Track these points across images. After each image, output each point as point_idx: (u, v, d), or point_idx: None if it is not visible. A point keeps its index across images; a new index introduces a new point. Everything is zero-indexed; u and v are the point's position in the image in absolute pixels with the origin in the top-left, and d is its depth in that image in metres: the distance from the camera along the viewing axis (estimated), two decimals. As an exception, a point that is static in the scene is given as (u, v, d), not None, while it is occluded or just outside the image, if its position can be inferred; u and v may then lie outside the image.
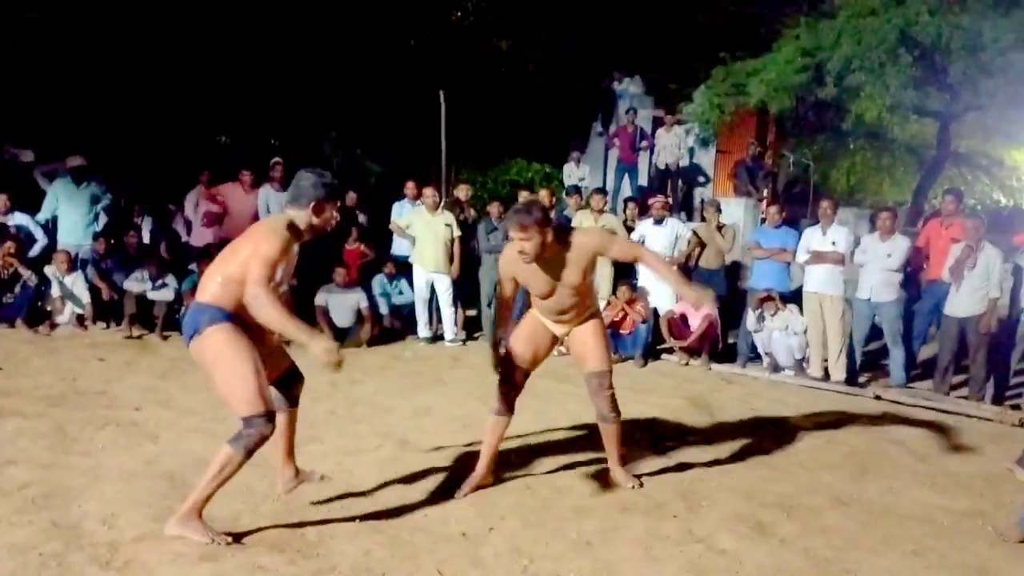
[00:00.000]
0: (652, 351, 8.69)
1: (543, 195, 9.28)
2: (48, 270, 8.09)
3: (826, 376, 7.82)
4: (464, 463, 4.75)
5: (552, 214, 8.78)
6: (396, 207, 9.48)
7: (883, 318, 7.71)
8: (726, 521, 4.17)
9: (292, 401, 3.94)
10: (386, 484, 4.43)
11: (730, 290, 9.31)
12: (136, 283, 8.19)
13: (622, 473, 4.64)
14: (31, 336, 7.69)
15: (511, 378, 4.50)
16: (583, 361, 4.52)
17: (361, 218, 9.43)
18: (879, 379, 7.94)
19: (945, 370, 7.48)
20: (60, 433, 4.99)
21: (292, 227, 3.56)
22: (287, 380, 3.88)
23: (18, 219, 8.55)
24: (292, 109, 11.25)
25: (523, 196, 9.35)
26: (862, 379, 7.86)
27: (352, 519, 3.92)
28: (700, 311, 8.43)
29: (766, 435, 5.99)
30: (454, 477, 4.54)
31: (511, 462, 4.83)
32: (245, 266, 3.40)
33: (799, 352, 8.03)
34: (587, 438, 5.53)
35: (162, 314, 8.14)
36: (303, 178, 3.66)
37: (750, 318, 8.33)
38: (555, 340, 4.59)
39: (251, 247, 3.44)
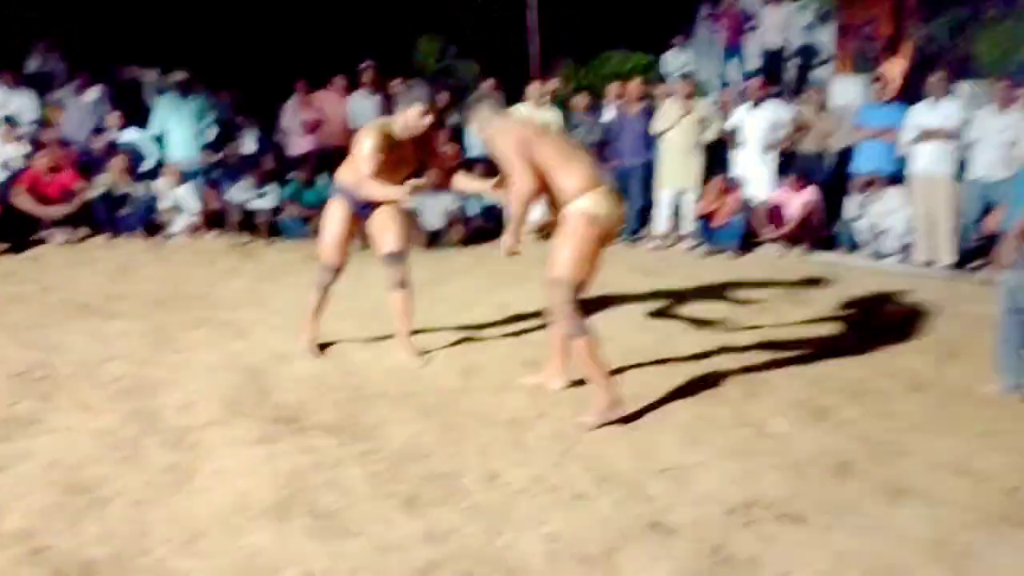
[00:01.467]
0: (748, 242, 8.46)
1: (635, 84, 9.03)
2: (159, 183, 8.55)
3: (933, 262, 7.42)
4: (529, 356, 4.84)
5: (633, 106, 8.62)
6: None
7: (998, 198, 7.19)
8: (782, 406, 4.11)
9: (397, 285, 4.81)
10: (453, 377, 4.57)
11: (835, 176, 8.86)
12: (240, 192, 8.56)
13: (599, 398, 3.94)
14: (147, 245, 8.20)
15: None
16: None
17: (453, 118, 9.43)
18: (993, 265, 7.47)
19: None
20: (159, 332, 5.36)
21: (386, 130, 4.49)
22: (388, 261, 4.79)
23: (130, 135, 9.02)
24: (379, 12, 11.25)
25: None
26: (973, 265, 7.42)
27: (411, 407, 4.09)
28: (800, 197, 8.10)
29: (851, 322, 5.82)
30: (517, 368, 4.64)
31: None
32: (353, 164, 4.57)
33: (905, 237, 7.63)
34: (647, 330, 5.53)
35: (265, 221, 8.50)
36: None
37: (852, 203, 7.96)
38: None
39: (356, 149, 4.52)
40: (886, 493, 3.19)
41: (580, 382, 4.19)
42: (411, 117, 4.47)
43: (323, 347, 4.99)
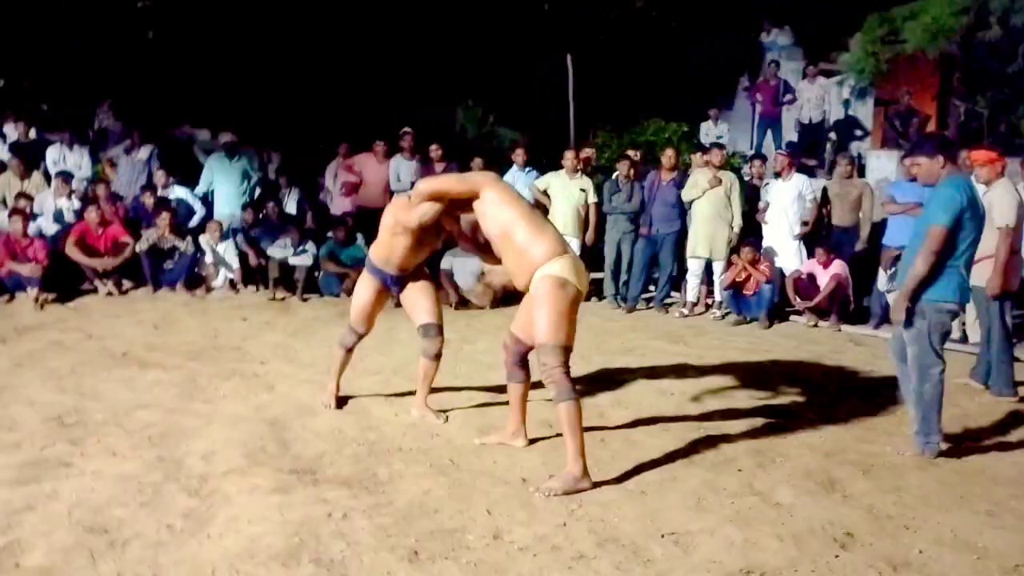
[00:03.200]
0: (779, 313, 8.49)
1: (669, 154, 9.18)
2: (202, 239, 8.86)
3: (964, 338, 7.37)
4: (544, 417, 4.91)
5: (665, 175, 8.76)
6: (507, 178, 9.64)
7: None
8: (793, 477, 4.13)
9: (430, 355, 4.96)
10: (469, 435, 4.66)
11: (870, 249, 8.88)
12: (279, 249, 8.84)
13: (568, 467, 3.96)
14: (188, 299, 8.48)
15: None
16: None
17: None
18: (1024, 342, 7.40)
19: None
20: (190, 383, 5.55)
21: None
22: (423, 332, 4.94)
23: (178, 192, 9.40)
24: (423, 80, 11.63)
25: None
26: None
27: (425, 463, 4.19)
28: (828, 270, 8.14)
29: (875, 396, 5.79)
30: (533, 429, 4.71)
31: (590, 418, 4.94)
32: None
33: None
34: (667, 396, 5.58)
35: (302, 278, 8.76)
36: None
37: (882, 277, 7.97)
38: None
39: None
40: (885, 566, 3.19)
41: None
42: None
43: (344, 401, 5.13)
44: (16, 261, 8.01)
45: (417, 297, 4.99)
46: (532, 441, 4.52)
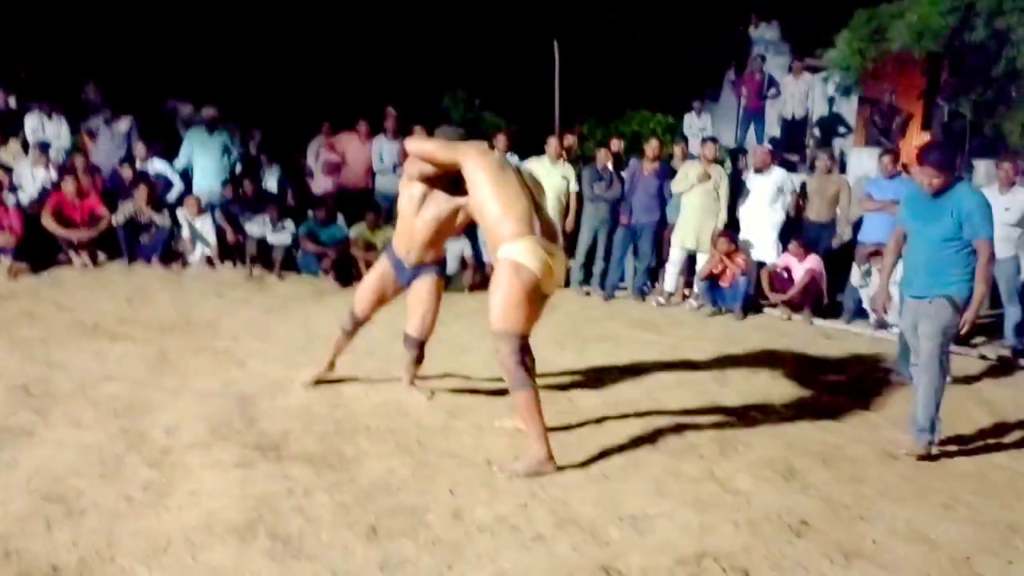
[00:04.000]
0: (754, 305, 8.54)
1: (653, 145, 9.18)
2: (180, 213, 8.81)
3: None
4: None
5: (648, 165, 8.79)
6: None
7: (999, 276, 7.22)
8: (753, 465, 4.17)
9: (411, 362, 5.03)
10: (438, 416, 4.68)
11: (848, 244, 8.94)
12: (257, 227, 8.80)
13: (530, 451, 3.98)
14: (163, 273, 8.44)
15: None
16: None
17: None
18: (994, 340, 7.48)
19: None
20: (160, 357, 5.53)
21: None
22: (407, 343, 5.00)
23: (157, 166, 9.33)
24: (410, 61, 11.59)
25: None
26: (976, 340, 7.44)
27: (391, 443, 4.20)
28: (802, 264, 8.19)
29: (843, 389, 5.86)
30: (502, 412, 4.74)
31: (560, 403, 4.97)
32: None
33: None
34: (638, 384, 5.62)
35: (280, 256, 8.72)
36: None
37: (856, 273, 8.03)
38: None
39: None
40: (837, 554, 3.24)
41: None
42: None
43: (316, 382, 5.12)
44: (-10, 230, 7.95)
45: (416, 304, 4.96)
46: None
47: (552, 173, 8.91)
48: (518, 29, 12.13)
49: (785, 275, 8.35)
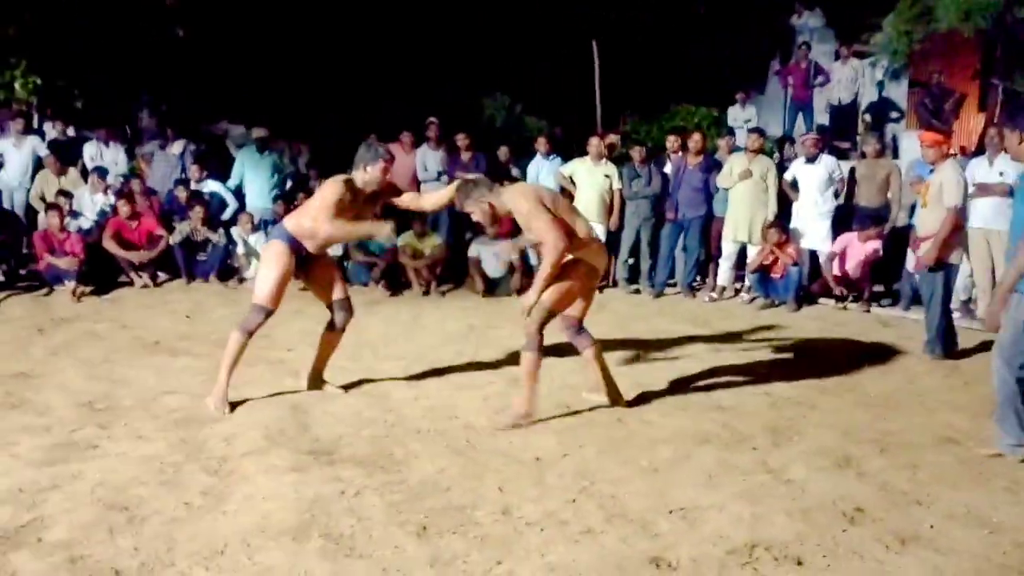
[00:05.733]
0: (807, 296, 8.41)
1: (696, 138, 9.11)
2: (235, 231, 9.02)
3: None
4: (564, 399, 4.96)
5: (692, 159, 8.72)
6: (532, 166, 9.64)
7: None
8: (807, 455, 4.12)
9: (334, 326, 5.11)
10: (486, 415, 4.72)
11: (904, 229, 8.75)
12: (309, 240, 8.94)
13: (516, 403, 4.62)
14: (220, 289, 8.64)
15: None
16: None
17: (515, 172, 9.70)
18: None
19: None
20: (218, 370, 5.65)
21: (349, 183, 4.75)
22: (337, 308, 5.08)
23: (211, 186, 9.57)
24: (450, 70, 11.69)
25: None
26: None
27: (440, 444, 4.25)
28: (858, 252, 8.05)
29: (901, 376, 5.76)
30: (550, 410, 4.76)
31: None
32: (313, 211, 4.74)
33: (964, 293, 7.49)
34: (687, 378, 5.58)
35: (331, 268, 8.86)
36: (361, 148, 4.88)
37: (911, 258, 7.84)
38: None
39: (318, 198, 4.78)
40: (893, 540, 3.18)
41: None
42: (374, 172, 4.77)
43: (351, 386, 5.25)
44: (54, 255, 8.22)
45: (328, 276, 5.17)
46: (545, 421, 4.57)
47: (595, 172, 8.91)
48: (556, 31, 12.14)
49: (841, 264, 8.18)
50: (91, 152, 9.99)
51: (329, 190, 4.73)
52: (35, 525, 3.23)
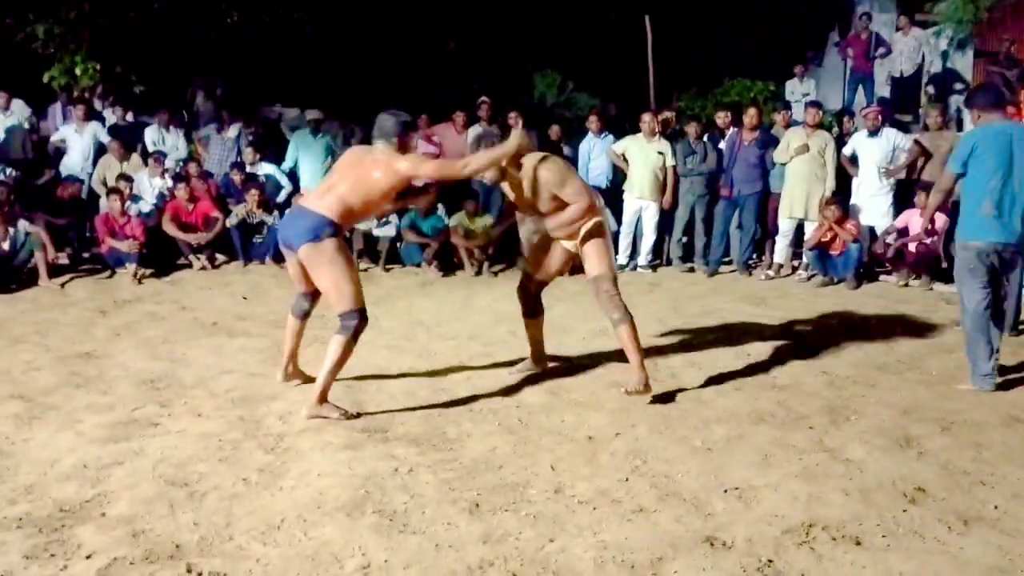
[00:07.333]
0: (867, 272, 8.23)
1: (751, 113, 8.93)
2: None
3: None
4: (615, 378, 4.93)
5: (747, 135, 8.55)
6: (583, 144, 9.56)
7: None
8: (866, 434, 4.03)
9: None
10: (539, 395, 4.72)
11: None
12: (363, 222, 9.01)
13: (635, 377, 4.52)
14: (276, 271, 8.73)
15: (525, 284, 5.05)
16: (587, 270, 4.72)
17: (566, 151, 9.63)
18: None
19: None
20: (274, 349, 5.72)
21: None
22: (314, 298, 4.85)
23: (265, 169, 9.69)
24: (501, 48, 11.64)
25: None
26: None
27: (493, 422, 4.26)
28: (920, 227, 7.83)
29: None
30: (602, 389, 4.74)
31: (661, 377, 4.93)
32: (364, 188, 4.45)
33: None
34: (742, 357, 5.50)
35: (385, 248, 8.94)
36: (384, 119, 4.65)
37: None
38: (568, 255, 4.85)
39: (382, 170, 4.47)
40: (955, 520, 3.10)
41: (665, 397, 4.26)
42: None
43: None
44: (115, 238, 8.42)
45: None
46: (597, 400, 4.55)
47: (647, 149, 8.81)
48: (608, 6, 11.98)
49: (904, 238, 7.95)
50: (153, 137, 10.18)
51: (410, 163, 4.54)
52: (99, 500, 3.31)
